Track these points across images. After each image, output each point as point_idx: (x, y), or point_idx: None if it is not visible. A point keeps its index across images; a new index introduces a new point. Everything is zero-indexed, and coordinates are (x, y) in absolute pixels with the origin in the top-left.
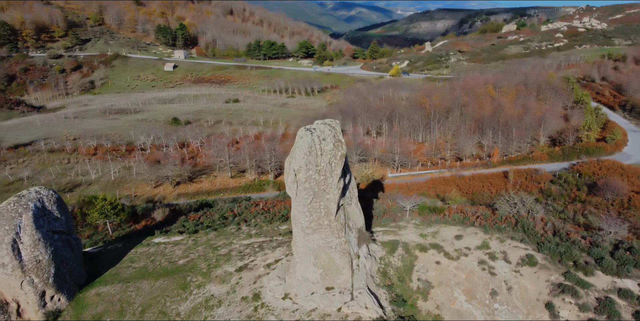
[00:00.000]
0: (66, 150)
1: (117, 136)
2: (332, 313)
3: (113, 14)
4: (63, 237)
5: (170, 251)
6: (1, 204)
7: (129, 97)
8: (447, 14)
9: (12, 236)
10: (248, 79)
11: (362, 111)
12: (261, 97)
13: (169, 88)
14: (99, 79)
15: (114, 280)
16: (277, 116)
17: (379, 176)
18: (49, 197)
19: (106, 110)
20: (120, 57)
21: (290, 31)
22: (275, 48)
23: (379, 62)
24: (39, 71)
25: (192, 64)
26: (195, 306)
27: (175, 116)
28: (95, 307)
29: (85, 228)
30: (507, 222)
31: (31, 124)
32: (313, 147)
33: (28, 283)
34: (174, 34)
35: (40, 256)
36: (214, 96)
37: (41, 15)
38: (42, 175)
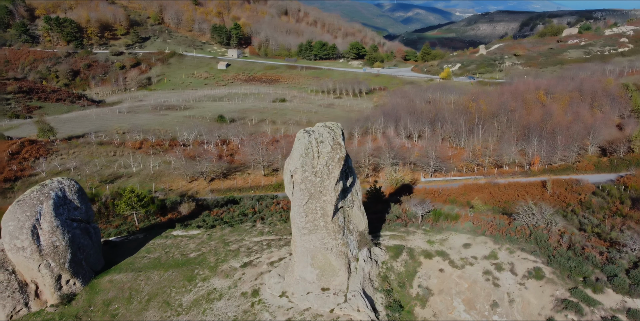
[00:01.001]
0: (114, 143)
1: (164, 131)
2: (325, 313)
3: (172, 13)
4: (82, 225)
5: (185, 244)
6: (26, 192)
7: (181, 94)
8: (507, 16)
9: (32, 222)
10: (297, 79)
11: (406, 113)
12: (308, 97)
13: (221, 86)
14: (155, 75)
15: (128, 268)
16: (320, 117)
17: (409, 180)
18: (70, 187)
19: (158, 106)
20: (177, 55)
21: (344, 32)
22: (326, 49)
23: (429, 64)
24: (101, 67)
25: (244, 63)
26: (198, 298)
27: (222, 113)
28: (107, 293)
29: (116, 218)
30: (521, 233)
31: (87, 118)
32: (310, 149)
33: (45, 267)
34: (229, 33)
35: (57, 242)
36: (262, 95)
37: (105, 14)
38: (88, 166)
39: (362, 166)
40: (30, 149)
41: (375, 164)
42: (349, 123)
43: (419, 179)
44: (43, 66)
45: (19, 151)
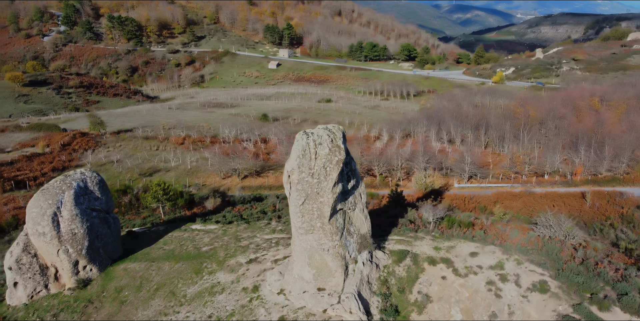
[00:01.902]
0: (158, 138)
1: (207, 128)
2: (317, 313)
3: (227, 13)
4: (101, 215)
5: (200, 238)
6: (50, 182)
7: (231, 92)
8: (571, 18)
9: (54, 209)
10: (346, 80)
11: (450, 117)
12: (355, 98)
13: (270, 85)
14: (208, 73)
15: (143, 258)
16: (364, 118)
17: (439, 185)
18: (92, 178)
19: (206, 103)
20: (230, 54)
21: (397, 33)
22: (377, 50)
23: (482, 67)
24: (158, 64)
25: (295, 63)
26: (202, 290)
27: (266, 112)
28: (119, 280)
29: (145, 210)
30: (533, 244)
31: (138, 113)
32: (307, 151)
33: (63, 252)
34: (281, 33)
35: (76, 229)
36: (309, 95)
37: (164, 13)
38: (131, 159)
39: (395, 169)
40: (81, 141)
41: (408, 168)
42: (391, 125)
43: (452, 184)
44: (104, 62)
45: (70, 142)
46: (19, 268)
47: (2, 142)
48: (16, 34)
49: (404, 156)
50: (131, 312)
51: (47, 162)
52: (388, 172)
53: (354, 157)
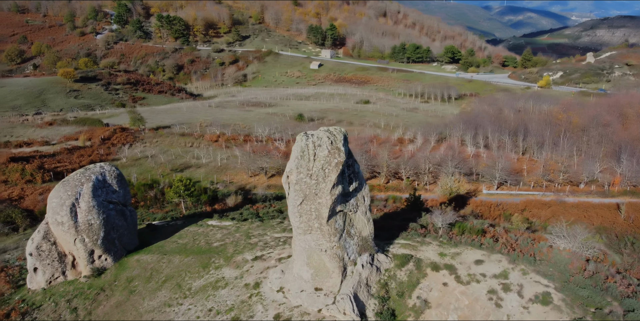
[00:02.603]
0: (194, 135)
1: (243, 127)
2: (312, 312)
3: (272, 13)
4: (118, 207)
5: (213, 233)
6: (71, 174)
7: (271, 91)
8: (629, 21)
9: (72, 200)
10: (387, 82)
11: (489, 122)
12: (394, 100)
13: (311, 85)
14: (251, 73)
15: (156, 250)
16: (400, 120)
17: (465, 190)
18: (111, 172)
19: (245, 102)
20: (273, 54)
21: (443, 35)
22: (420, 52)
23: (528, 71)
24: (203, 62)
25: (337, 64)
26: (206, 284)
27: (302, 112)
28: (132, 271)
29: (169, 204)
30: (544, 254)
31: (179, 110)
32: (306, 152)
33: (80, 241)
34: (324, 34)
35: (92, 220)
36: (348, 96)
37: (211, 13)
38: (164, 155)
39: (422, 173)
40: (120, 136)
41: (437, 172)
42: (427, 129)
43: (481, 191)
44: (152, 60)
45: (110, 137)
46: (39, 254)
47: (49, 134)
48: (72, 32)
49: (433, 160)
50: (138, 302)
51: (86, 155)
52: (416, 176)
53: (381, 160)
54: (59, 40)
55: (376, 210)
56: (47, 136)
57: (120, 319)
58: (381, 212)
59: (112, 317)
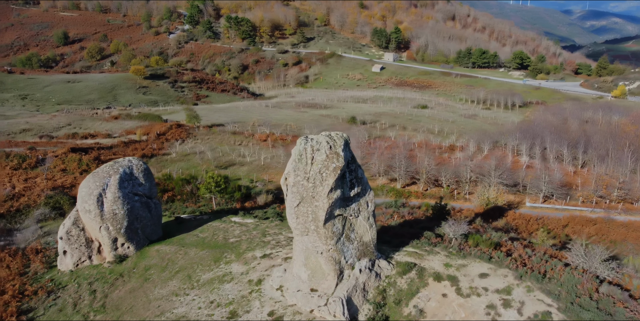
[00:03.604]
0: (245, 134)
1: (294, 127)
2: (305, 312)
3: (338, 15)
4: (143, 199)
5: (232, 229)
6: (101, 166)
7: (330, 93)
8: None
9: (99, 191)
10: (449, 87)
11: (549, 132)
12: (454, 106)
13: (372, 88)
14: (313, 74)
15: (177, 242)
16: (456, 127)
17: (503, 201)
18: (138, 166)
19: (302, 103)
20: (336, 56)
21: (514, 40)
22: (486, 57)
23: (602, 80)
24: (267, 63)
25: (399, 67)
26: (214, 277)
27: (356, 115)
28: (150, 260)
29: (203, 200)
30: (555, 272)
31: (236, 109)
32: (303, 155)
33: (104, 229)
34: (388, 37)
35: (117, 210)
36: (407, 100)
37: (278, 14)
38: (212, 152)
39: (463, 181)
40: (175, 132)
41: (480, 181)
42: (482, 136)
43: (524, 203)
44: (219, 59)
45: (165, 132)
46: (68, 238)
47: (113, 128)
48: (147, 31)
49: (476, 169)
50: (149, 289)
51: (139, 148)
52: (457, 184)
53: (421, 166)
54: (135, 39)
55: (397, 216)
56: (110, 130)
57: (131, 304)
58: (402, 219)
59: (124, 301)
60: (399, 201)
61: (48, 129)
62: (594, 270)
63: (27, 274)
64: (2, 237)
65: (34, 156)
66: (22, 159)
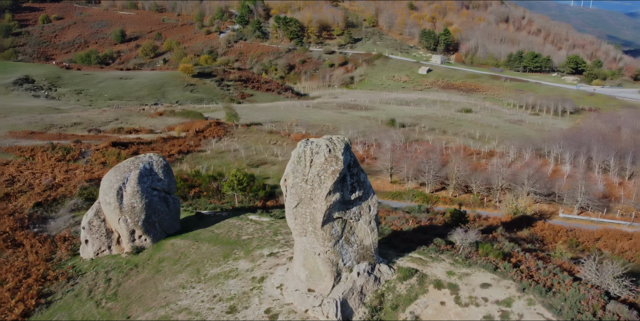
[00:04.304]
0: (281, 133)
1: (332, 128)
2: (299, 312)
3: (386, 16)
4: (161, 194)
5: (247, 227)
6: (123, 161)
7: (374, 95)
8: None
9: (120, 184)
10: (497, 91)
11: (597, 141)
12: (500, 110)
13: (417, 91)
14: (358, 75)
15: (192, 237)
16: (498, 132)
17: (533, 211)
18: (158, 162)
19: (343, 104)
20: (382, 57)
21: (571, 44)
22: (538, 61)
23: None
24: (313, 63)
25: (446, 70)
26: (220, 273)
27: (396, 117)
28: (165, 252)
29: (227, 196)
30: (561, 286)
31: (277, 108)
32: (302, 158)
33: (123, 221)
34: (437, 38)
35: (135, 203)
36: (451, 104)
37: (326, 15)
38: (246, 150)
39: (494, 188)
40: (213, 130)
41: (512, 189)
42: (525, 143)
43: (557, 213)
44: (267, 59)
45: (204, 129)
46: (90, 228)
47: (156, 124)
48: (199, 30)
49: (508, 176)
50: (159, 280)
51: (177, 145)
52: (487, 191)
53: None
54: (187, 38)
55: (412, 222)
56: (154, 125)
57: (140, 294)
58: (417, 224)
59: (134, 291)
60: (422, 206)
61: (97, 123)
62: (606, 286)
63: (52, 260)
64: (38, 224)
65: (78, 148)
66: (67, 151)
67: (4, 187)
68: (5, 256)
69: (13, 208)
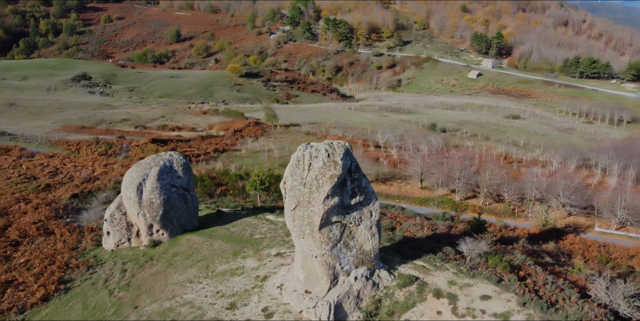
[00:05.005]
0: (318, 135)
1: (370, 131)
2: (294, 312)
3: (438, 19)
4: (180, 191)
5: (261, 226)
6: (145, 158)
7: (420, 98)
8: None
9: (140, 180)
10: (550, 97)
11: None
12: (550, 117)
13: (465, 95)
14: (406, 78)
15: (208, 233)
16: (545, 140)
17: (563, 224)
18: (178, 160)
19: (386, 107)
20: (431, 61)
21: (635, 49)
22: (596, 67)
23: None
24: (361, 65)
25: (497, 74)
26: (227, 270)
27: (438, 122)
28: (179, 247)
29: (252, 196)
30: (565, 303)
31: (318, 110)
32: (301, 161)
33: (141, 215)
34: (489, 42)
35: (153, 199)
36: (499, 109)
37: (376, 17)
38: (280, 151)
39: (527, 198)
40: (251, 129)
41: (546, 200)
42: (570, 153)
43: (592, 227)
44: (315, 60)
45: (242, 129)
46: (112, 221)
47: (199, 122)
48: (251, 31)
49: (550, 187)
50: (170, 274)
51: (213, 143)
52: (520, 201)
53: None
54: (239, 38)
55: (427, 229)
56: (196, 124)
57: (151, 285)
58: (432, 231)
59: (146, 282)
60: (448, 213)
61: (144, 120)
62: (616, 305)
63: (77, 249)
64: (71, 215)
65: (119, 144)
66: (109, 146)
67: (47, 178)
68: (37, 243)
69: (52, 198)
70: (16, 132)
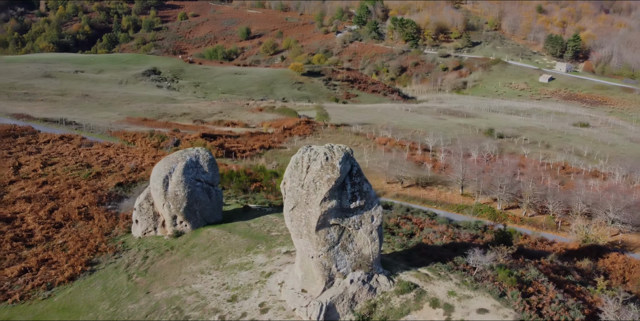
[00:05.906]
0: (367, 136)
1: (423, 134)
2: (288, 310)
3: (510, 20)
4: (204, 185)
5: (280, 224)
6: (173, 153)
7: (483, 102)
8: None
9: (166, 173)
10: (628, 105)
11: None
12: (625, 127)
13: (534, 100)
14: (472, 80)
15: (229, 227)
16: (613, 151)
17: (607, 240)
18: (204, 156)
19: (444, 110)
20: (501, 63)
21: None
22: None
23: None
24: (426, 66)
25: (571, 79)
26: (237, 263)
27: (495, 127)
28: (199, 239)
29: None
30: None
31: (373, 110)
32: (300, 163)
33: (166, 207)
34: (565, 44)
35: (178, 191)
36: (567, 116)
37: (445, 17)
38: None
39: (573, 212)
40: (301, 128)
41: (593, 214)
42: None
43: (634, 244)
44: (379, 60)
45: (292, 127)
46: (140, 210)
47: (254, 119)
48: (318, 30)
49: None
50: (185, 264)
51: (261, 140)
52: (565, 214)
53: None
54: (306, 37)
55: (447, 237)
56: (251, 120)
57: (165, 273)
58: (450, 240)
59: (162, 270)
60: (481, 222)
61: (203, 114)
62: None
63: (110, 234)
64: (113, 202)
65: (172, 137)
66: (162, 139)
67: (99, 167)
68: (77, 227)
69: (100, 185)
70: (83, 122)
